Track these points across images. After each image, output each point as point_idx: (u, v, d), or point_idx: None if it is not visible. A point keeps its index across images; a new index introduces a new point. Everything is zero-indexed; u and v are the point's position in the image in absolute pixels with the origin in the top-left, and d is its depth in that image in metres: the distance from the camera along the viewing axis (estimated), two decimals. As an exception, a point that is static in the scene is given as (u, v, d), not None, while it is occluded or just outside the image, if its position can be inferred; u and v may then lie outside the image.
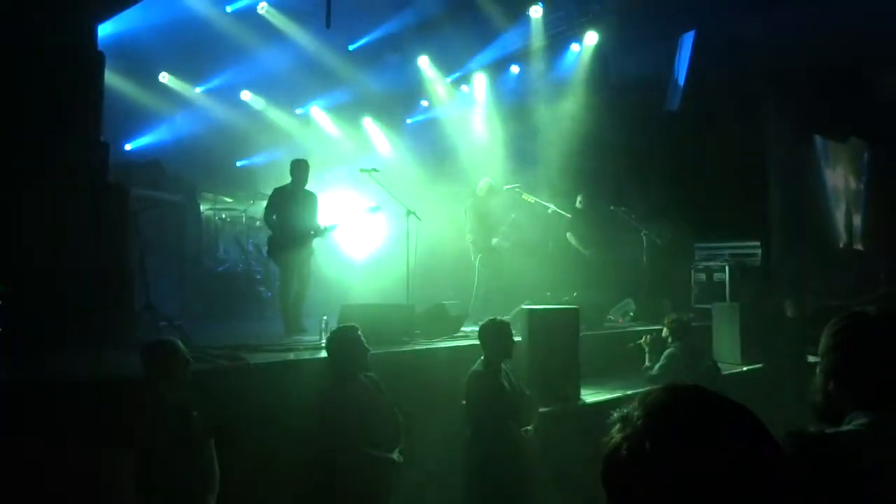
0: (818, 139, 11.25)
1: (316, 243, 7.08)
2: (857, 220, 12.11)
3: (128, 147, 10.25)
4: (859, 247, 11.94)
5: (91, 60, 5.29)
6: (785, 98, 9.97)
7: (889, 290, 9.57)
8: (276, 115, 11.48)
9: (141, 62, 10.19)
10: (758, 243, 9.50)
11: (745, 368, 7.08)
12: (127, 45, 9.60)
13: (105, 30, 7.88)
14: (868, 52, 8.49)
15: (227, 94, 10.86)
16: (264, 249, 10.35)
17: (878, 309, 1.72)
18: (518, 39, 10.96)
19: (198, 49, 9.89)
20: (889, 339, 1.57)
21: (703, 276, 9.48)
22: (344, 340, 4.11)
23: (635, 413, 0.95)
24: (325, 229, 7.10)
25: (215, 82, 10.71)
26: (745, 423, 0.93)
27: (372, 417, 3.97)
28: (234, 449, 3.73)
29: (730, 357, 7.23)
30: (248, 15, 9.86)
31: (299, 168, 7.01)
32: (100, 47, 5.69)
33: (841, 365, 1.60)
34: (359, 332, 4.14)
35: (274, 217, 6.89)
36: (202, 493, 3.23)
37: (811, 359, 5.28)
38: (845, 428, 1.51)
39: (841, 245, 11.82)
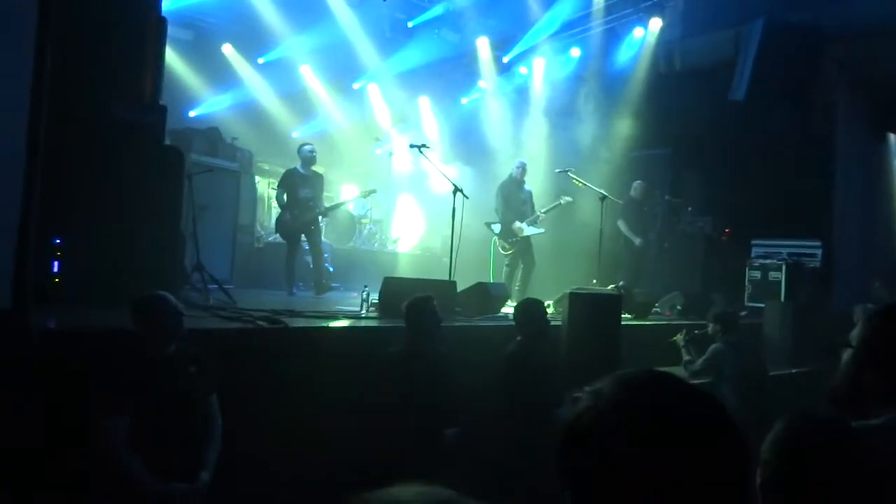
0: (893, 137, 10.66)
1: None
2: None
3: (191, 114, 10.52)
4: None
5: (152, 24, 5.40)
6: (859, 90, 9.45)
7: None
8: (332, 88, 11.62)
9: (205, 33, 10.48)
10: (819, 243, 9.11)
11: (793, 370, 6.82)
12: (194, 17, 9.92)
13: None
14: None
15: (286, 67, 11.04)
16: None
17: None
18: (579, 22, 10.76)
19: (259, 22, 10.05)
20: None
21: (758, 275, 9.12)
22: (420, 312, 4.08)
23: (610, 387, 0.91)
24: (328, 208, 8.19)
25: (275, 55, 10.90)
26: (718, 420, 0.87)
27: (438, 392, 3.94)
28: (263, 410, 3.81)
29: (778, 358, 6.97)
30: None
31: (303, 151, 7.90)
32: (165, 15, 5.82)
33: (879, 354, 1.50)
34: (434, 304, 4.13)
35: (284, 197, 7.70)
36: (198, 448, 3.16)
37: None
38: (876, 422, 1.42)
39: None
